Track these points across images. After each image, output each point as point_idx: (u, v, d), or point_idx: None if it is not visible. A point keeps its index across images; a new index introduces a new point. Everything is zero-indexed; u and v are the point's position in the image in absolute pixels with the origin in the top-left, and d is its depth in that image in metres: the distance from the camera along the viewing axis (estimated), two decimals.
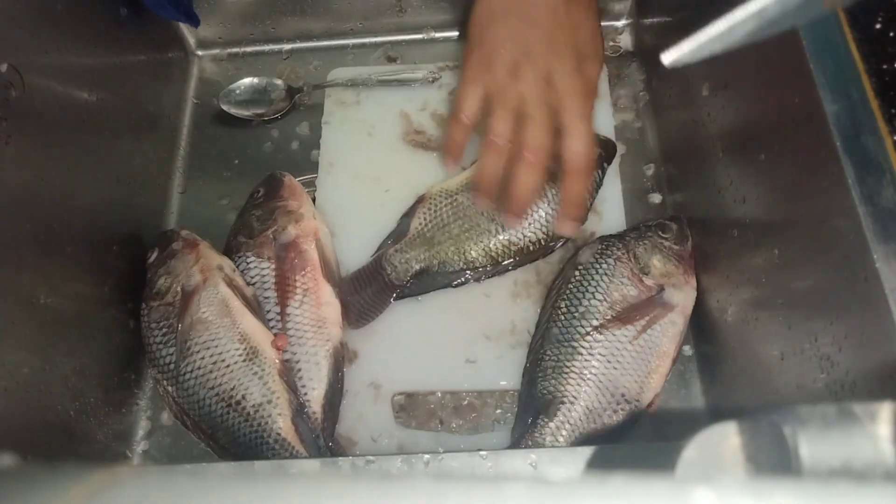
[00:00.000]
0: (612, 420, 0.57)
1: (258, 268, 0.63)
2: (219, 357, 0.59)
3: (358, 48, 0.81)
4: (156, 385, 0.63)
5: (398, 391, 0.62)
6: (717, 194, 0.58)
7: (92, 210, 0.61)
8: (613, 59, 0.78)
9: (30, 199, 0.53)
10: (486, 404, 0.61)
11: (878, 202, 0.39)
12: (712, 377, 0.61)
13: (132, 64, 0.71)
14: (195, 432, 0.60)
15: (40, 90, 0.55)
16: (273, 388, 0.58)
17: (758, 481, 0.22)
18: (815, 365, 0.44)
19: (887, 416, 0.23)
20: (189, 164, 0.77)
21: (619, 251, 0.61)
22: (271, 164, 0.74)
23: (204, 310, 0.60)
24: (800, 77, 0.44)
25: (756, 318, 0.52)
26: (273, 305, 0.62)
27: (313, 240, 0.64)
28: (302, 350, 0.60)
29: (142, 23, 0.71)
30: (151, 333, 0.62)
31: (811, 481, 0.22)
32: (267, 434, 0.57)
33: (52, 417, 0.54)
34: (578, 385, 0.57)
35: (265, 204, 0.66)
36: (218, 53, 0.83)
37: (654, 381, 0.58)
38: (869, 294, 0.38)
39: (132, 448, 0.63)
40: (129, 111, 0.69)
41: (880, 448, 0.23)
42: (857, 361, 0.40)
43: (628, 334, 0.58)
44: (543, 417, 0.57)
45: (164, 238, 0.66)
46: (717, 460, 0.25)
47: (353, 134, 0.74)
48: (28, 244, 0.52)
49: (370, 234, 0.68)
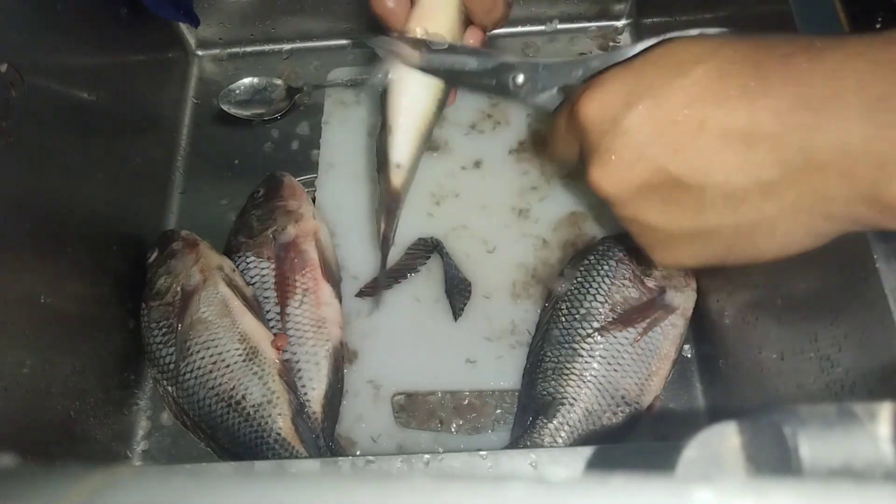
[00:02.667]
0: (611, 422, 0.57)
1: (258, 268, 0.63)
2: (219, 357, 0.59)
3: (358, 48, 0.81)
4: (156, 385, 0.63)
5: (398, 391, 0.62)
6: None
7: (92, 210, 0.61)
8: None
9: (30, 199, 0.53)
10: (486, 404, 0.61)
11: None
12: (712, 377, 0.61)
13: (132, 64, 0.71)
14: (195, 432, 0.60)
15: (40, 90, 0.55)
16: (273, 388, 0.58)
17: (758, 481, 0.22)
18: (815, 365, 0.44)
19: (887, 416, 0.23)
20: (189, 164, 0.77)
21: (621, 253, 0.61)
22: (271, 164, 0.74)
23: (204, 310, 0.60)
24: None
25: (756, 318, 0.52)
26: (273, 305, 0.62)
27: (313, 240, 0.64)
28: (302, 350, 0.60)
29: (142, 23, 0.71)
30: (151, 333, 0.62)
31: (811, 481, 0.22)
32: (267, 434, 0.57)
33: (52, 417, 0.54)
34: (578, 387, 0.57)
35: (265, 204, 0.66)
36: (218, 53, 0.83)
37: (655, 384, 0.58)
38: (869, 294, 0.38)
39: (132, 448, 0.63)
40: (129, 111, 0.69)
41: (880, 448, 0.23)
42: (857, 361, 0.40)
43: (629, 336, 0.58)
44: (543, 418, 0.57)
45: (164, 238, 0.66)
46: (717, 460, 0.25)
47: (353, 134, 0.74)
48: (28, 244, 0.52)
49: (370, 234, 0.68)
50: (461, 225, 0.68)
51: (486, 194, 0.69)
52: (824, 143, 0.30)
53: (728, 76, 0.32)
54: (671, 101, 0.33)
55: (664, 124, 0.33)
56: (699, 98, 0.32)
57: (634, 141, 0.34)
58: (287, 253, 0.63)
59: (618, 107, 0.34)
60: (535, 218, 0.68)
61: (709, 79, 0.32)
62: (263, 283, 0.63)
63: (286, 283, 0.62)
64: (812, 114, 0.30)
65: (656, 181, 0.34)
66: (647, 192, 0.35)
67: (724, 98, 0.32)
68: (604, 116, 0.35)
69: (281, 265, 0.63)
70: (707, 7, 0.61)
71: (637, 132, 0.34)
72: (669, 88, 0.33)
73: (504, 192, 0.69)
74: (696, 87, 0.32)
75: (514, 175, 0.70)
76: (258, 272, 0.63)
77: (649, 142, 0.33)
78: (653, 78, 0.34)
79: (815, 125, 0.30)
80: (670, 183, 0.34)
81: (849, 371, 0.41)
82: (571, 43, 0.80)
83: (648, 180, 0.34)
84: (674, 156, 0.33)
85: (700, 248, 0.36)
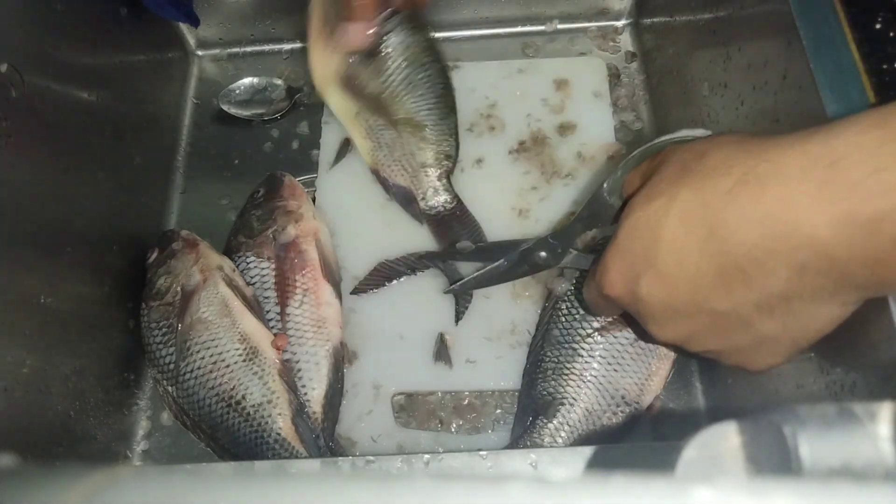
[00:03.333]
0: (611, 422, 0.57)
1: (258, 268, 0.63)
2: (219, 357, 0.59)
3: None
4: (156, 385, 0.63)
5: (398, 391, 0.62)
6: None
7: (92, 210, 0.61)
8: (613, 59, 0.78)
9: (30, 199, 0.53)
10: (486, 404, 0.61)
11: None
12: (712, 377, 0.61)
13: (132, 64, 0.71)
14: (195, 432, 0.60)
15: (40, 90, 0.55)
16: (273, 388, 0.58)
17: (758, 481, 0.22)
18: (815, 365, 0.44)
19: (887, 416, 0.23)
20: (189, 164, 0.77)
21: None
22: (271, 164, 0.74)
23: (204, 310, 0.60)
24: (800, 77, 0.44)
25: None
26: (273, 305, 0.62)
27: (313, 240, 0.64)
28: (302, 350, 0.60)
29: (142, 23, 0.71)
30: (151, 333, 0.62)
31: (811, 481, 0.22)
32: (267, 434, 0.57)
33: (52, 417, 0.54)
34: (578, 387, 0.57)
35: (265, 204, 0.66)
36: (218, 53, 0.82)
37: (654, 384, 0.58)
38: None
39: (132, 448, 0.63)
40: (129, 111, 0.69)
41: (880, 448, 0.23)
42: (857, 361, 0.40)
43: (629, 336, 0.58)
44: (543, 418, 0.57)
45: (164, 238, 0.66)
46: (717, 460, 0.25)
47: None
48: (28, 244, 0.52)
49: (370, 234, 0.68)
50: None
51: (486, 194, 0.69)
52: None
53: (689, 222, 0.37)
54: (663, 261, 0.38)
55: (674, 280, 0.38)
56: (685, 248, 0.37)
57: (661, 303, 0.39)
58: (287, 253, 0.63)
59: (630, 284, 0.40)
60: (536, 218, 0.68)
61: (679, 232, 0.37)
62: (263, 283, 0.63)
63: (286, 283, 0.62)
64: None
65: (703, 321, 0.39)
66: (700, 331, 0.40)
67: (702, 239, 0.36)
68: (625, 295, 0.41)
69: (281, 265, 0.63)
70: (707, 7, 0.61)
71: (658, 296, 0.39)
72: (657, 253, 0.38)
73: (504, 192, 0.69)
74: (676, 243, 0.37)
75: (514, 175, 0.70)
76: (258, 272, 0.63)
77: (672, 298, 0.39)
78: (639, 250, 0.39)
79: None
80: (710, 315, 0.38)
81: (849, 371, 0.41)
82: (571, 43, 0.80)
83: (695, 322, 0.39)
84: (699, 297, 0.38)
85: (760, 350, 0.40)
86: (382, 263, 0.66)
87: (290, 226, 0.64)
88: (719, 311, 0.37)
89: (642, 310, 0.41)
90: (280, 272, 0.63)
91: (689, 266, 0.37)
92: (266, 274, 0.63)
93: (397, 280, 0.66)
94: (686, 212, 0.36)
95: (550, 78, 0.74)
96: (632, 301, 0.41)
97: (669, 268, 0.38)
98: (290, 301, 0.62)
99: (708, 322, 0.38)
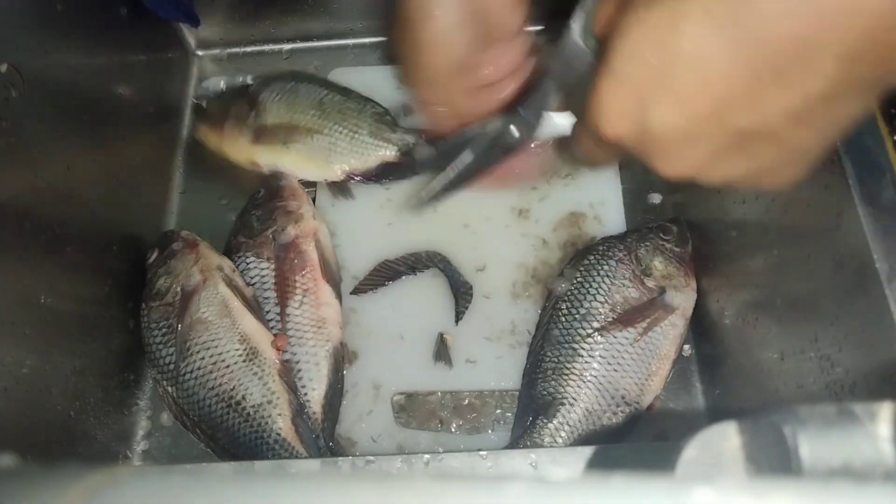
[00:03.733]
0: (611, 422, 0.57)
1: (258, 268, 0.63)
2: (219, 357, 0.59)
3: (358, 48, 0.81)
4: (156, 385, 0.63)
5: (398, 391, 0.62)
6: (716, 195, 0.58)
7: (92, 210, 0.61)
8: None
9: (30, 198, 0.53)
10: (486, 404, 0.61)
11: (878, 202, 0.39)
12: (712, 377, 0.61)
13: (132, 64, 0.71)
14: (195, 432, 0.60)
15: (40, 90, 0.55)
16: (273, 388, 0.58)
17: (758, 481, 0.23)
18: (815, 365, 0.44)
19: (887, 416, 0.23)
20: (189, 163, 0.77)
21: (621, 253, 0.61)
22: None
23: (204, 310, 0.60)
24: None
25: (756, 318, 0.52)
26: (273, 306, 0.62)
27: (313, 240, 0.64)
28: (302, 350, 0.60)
29: (142, 23, 0.71)
30: (151, 334, 0.62)
31: (811, 481, 0.22)
32: (267, 434, 0.57)
33: (52, 417, 0.54)
34: (578, 387, 0.57)
35: (265, 204, 0.66)
36: (218, 53, 0.82)
37: (654, 384, 0.58)
38: (869, 294, 0.38)
39: (132, 448, 0.63)
40: (129, 111, 0.69)
41: (880, 448, 0.23)
42: (857, 361, 0.40)
43: (629, 336, 0.58)
44: (543, 418, 0.57)
45: (164, 238, 0.66)
46: (717, 460, 0.25)
47: None
48: (28, 244, 0.52)
49: (370, 234, 0.68)
50: (462, 224, 0.68)
51: (487, 194, 0.69)
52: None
53: (714, 22, 0.30)
54: (682, 79, 0.32)
55: (695, 100, 0.32)
56: (710, 57, 0.31)
57: (676, 132, 0.33)
58: (287, 253, 0.63)
59: (638, 117, 0.34)
60: (536, 218, 0.68)
61: (700, 38, 0.31)
62: (263, 283, 0.63)
63: (286, 284, 0.62)
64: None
65: (724, 143, 0.33)
66: (718, 156, 0.34)
67: (730, 42, 0.30)
68: (631, 131, 0.35)
69: (281, 265, 0.63)
70: None
71: (675, 123, 0.33)
72: (672, 71, 0.32)
73: (504, 193, 0.69)
74: (697, 53, 0.31)
75: None
76: (258, 272, 0.63)
77: (691, 123, 0.33)
78: (645, 74, 0.33)
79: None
80: (734, 135, 0.33)
81: (849, 371, 0.41)
82: None
83: (713, 146, 0.33)
84: (724, 115, 0.32)
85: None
86: (382, 263, 0.66)
87: (289, 226, 0.64)
88: (745, 128, 0.32)
89: (651, 145, 0.35)
90: (280, 272, 0.63)
91: (714, 79, 0.31)
92: (266, 274, 0.63)
93: (397, 280, 0.66)
94: (708, 10, 0.30)
95: None
96: (638, 137, 0.35)
97: (690, 86, 0.31)
98: (289, 301, 0.62)
99: (729, 144, 0.33)
